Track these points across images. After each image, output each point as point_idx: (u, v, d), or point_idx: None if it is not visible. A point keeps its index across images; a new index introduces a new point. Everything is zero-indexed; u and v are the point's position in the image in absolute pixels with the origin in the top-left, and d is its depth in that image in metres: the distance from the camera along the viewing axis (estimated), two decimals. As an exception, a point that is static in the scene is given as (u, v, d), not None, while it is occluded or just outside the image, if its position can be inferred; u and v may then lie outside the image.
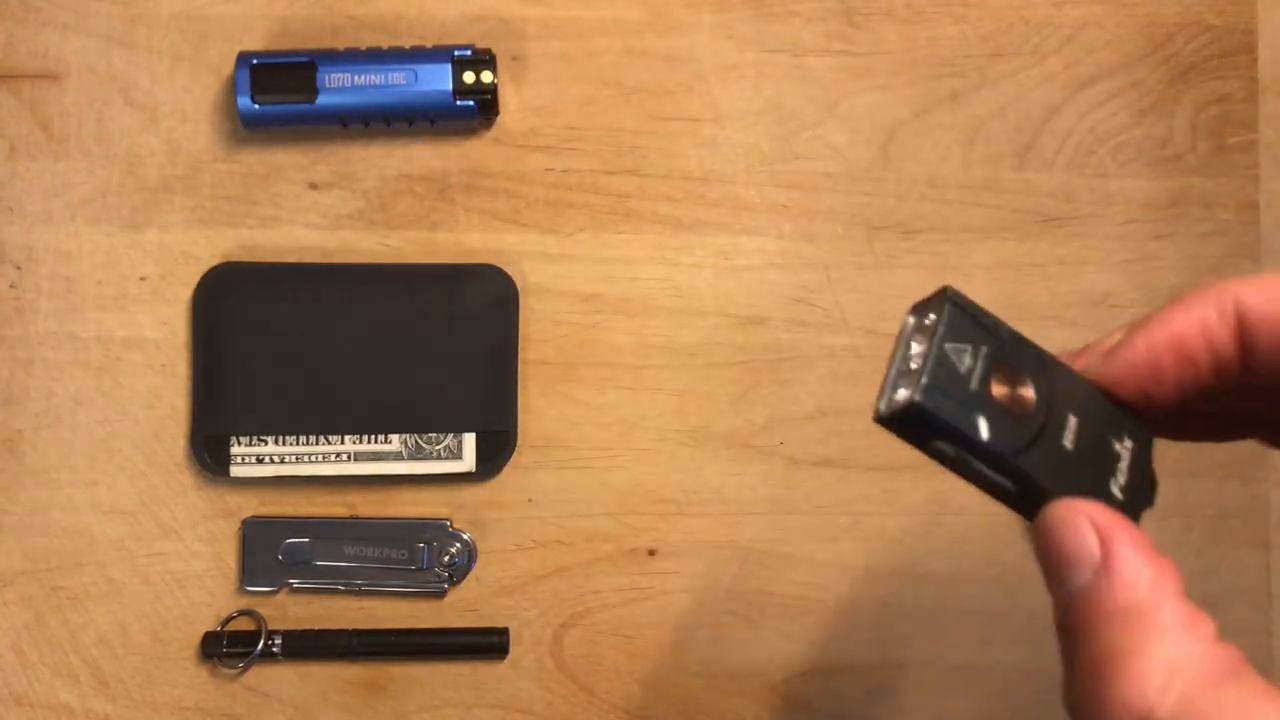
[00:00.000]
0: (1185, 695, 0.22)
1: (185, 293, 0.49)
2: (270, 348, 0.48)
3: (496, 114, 0.49)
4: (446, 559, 0.48)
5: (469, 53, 0.47)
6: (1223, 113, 0.50)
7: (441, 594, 0.48)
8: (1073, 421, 0.27)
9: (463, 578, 0.48)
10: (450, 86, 0.47)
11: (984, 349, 0.26)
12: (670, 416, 0.49)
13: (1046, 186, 0.50)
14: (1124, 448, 0.27)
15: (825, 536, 0.49)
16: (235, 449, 0.48)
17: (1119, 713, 0.22)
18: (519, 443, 0.48)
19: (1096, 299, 0.50)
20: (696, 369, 0.49)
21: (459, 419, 0.48)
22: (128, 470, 0.48)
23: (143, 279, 0.49)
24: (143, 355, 0.49)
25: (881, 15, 0.50)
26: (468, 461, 0.48)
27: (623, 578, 0.49)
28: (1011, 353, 0.26)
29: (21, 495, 0.48)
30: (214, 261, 0.49)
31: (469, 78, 0.47)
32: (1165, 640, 0.23)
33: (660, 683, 0.49)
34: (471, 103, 0.47)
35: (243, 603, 0.48)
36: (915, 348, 0.26)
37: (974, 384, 0.26)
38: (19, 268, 0.49)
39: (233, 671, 0.48)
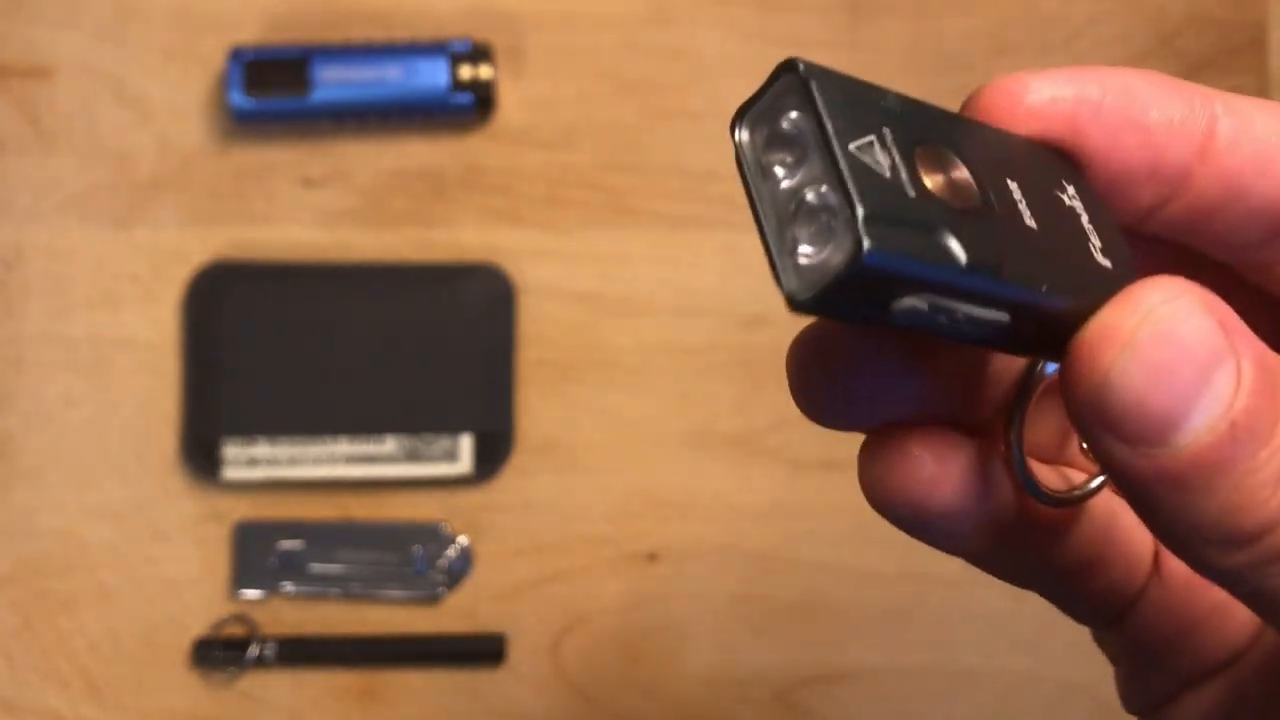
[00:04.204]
0: None
1: (177, 292, 0.48)
2: (263, 348, 0.48)
3: (494, 109, 0.48)
4: (442, 563, 0.48)
5: (466, 47, 0.47)
6: (1234, 109, 0.50)
7: (437, 599, 0.48)
8: (1014, 189, 0.18)
9: (459, 582, 0.48)
10: (447, 81, 0.47)
11: (887, 133, 0.17)
12: (671, 418, 0.48)
13: (1055, 183, 0.49)
14: (1071, 199, 0.19)
15: (829, 541, 0.49)
16: (227, 451, 0.47)
17: None
18: (516, 445, 0.48)
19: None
20: (698, 369, 0.49)
21: (455, 420, 0.48)
22: (118, 472, 0.48)
23: (134, 278, 0.48)
24: (133, 355, 0.48)
25: (886, 8, 0.50)
26: (464, 464, 0.48)
27: (623, 583, 0.48)
28: (918, 124, 0.18)
29: (10, 498, 0.48)
30: (206, 260, 0.48)
31: (466, 72, 0.47)
32: None
33: (661, 690, 0.48)
34: (468, 98, 0.47)
35: (235, 608, 0.48)
36: (796, 172, 0.18)
37: (910, 190, 0.17)
38: (8, 266, 0.48)
39: (224, 677, 0.47)
